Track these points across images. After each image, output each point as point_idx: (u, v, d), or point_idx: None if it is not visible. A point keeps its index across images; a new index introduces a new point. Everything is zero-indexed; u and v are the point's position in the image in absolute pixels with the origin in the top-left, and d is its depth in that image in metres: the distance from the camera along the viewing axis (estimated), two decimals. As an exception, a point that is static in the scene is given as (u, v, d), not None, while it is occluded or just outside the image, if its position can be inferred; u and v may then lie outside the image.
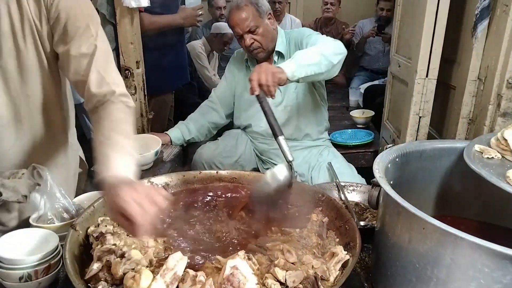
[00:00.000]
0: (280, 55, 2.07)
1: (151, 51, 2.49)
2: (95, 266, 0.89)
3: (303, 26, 5.05)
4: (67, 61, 1.15)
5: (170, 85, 2.95)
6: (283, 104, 2.11)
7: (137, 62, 2.18)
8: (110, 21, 2.23)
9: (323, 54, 1.68)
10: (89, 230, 1.05)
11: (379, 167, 1.06)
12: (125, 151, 0.97)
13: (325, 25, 5.02)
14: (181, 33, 2.88)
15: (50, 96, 1.25)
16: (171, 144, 2.20)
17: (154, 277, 0.83)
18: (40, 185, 1.13)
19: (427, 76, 2.02)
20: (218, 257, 0.93)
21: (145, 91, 2.29)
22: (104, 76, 1.13)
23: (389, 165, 1.14)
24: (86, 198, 1.34)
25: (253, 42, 1.98)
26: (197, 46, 4.00)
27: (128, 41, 2.11)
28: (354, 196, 1.60)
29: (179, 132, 2.22)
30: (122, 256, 0.89)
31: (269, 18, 2.03)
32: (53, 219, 1.15)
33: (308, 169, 2.12)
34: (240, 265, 0.87)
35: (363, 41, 4.63)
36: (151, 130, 2.35)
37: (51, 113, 1.28)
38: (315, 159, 2.13)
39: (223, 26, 4.00)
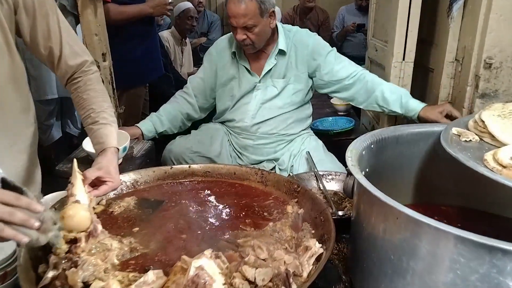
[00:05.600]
0: (281, 52, 1.97)
1: (120, 42, 2.40)
2: (50, 274, 0.82)
3: (282, 14, 4.99)
4: (36, 41, 1.21)
5: (142, 78, 2.86)
6: (274, 101, 2.03)
7: (103, 54, 2.06)
8: (71, 12, 2.13)
9: None
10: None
11: (352, 154, 1.02)
12: (115, 124, 1.29)
13: (305, 13, 4.96)
14: (151, 23, 2.78)
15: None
16: (143, 137, 2.09)
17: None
18: None
19: (403, 59, 1.98)
20: (184, 257, 0.88)
21: (114, 85, 2.18)
22: (75, 48, 1.28)
23: (363, 152, 1.09)
24: (51, 198, 1.27)
25: (245, 39, 1.86)
26: (164, 36, 3.88)
27: (92, 33, 1.99)
28: (333, 185, 1.56)
29: (150, 124, 2.09)
30: (76, 265, 0.83)
31: (270, 16, 1.89)
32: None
33: (289, 158, 2.06)
34: (206, 265, 0.82)
35: (343, 34, 4.63)
36: (124, 125, 2.23)
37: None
38: (297, 148, 2.08)
39: (181, 5, 3.89)
